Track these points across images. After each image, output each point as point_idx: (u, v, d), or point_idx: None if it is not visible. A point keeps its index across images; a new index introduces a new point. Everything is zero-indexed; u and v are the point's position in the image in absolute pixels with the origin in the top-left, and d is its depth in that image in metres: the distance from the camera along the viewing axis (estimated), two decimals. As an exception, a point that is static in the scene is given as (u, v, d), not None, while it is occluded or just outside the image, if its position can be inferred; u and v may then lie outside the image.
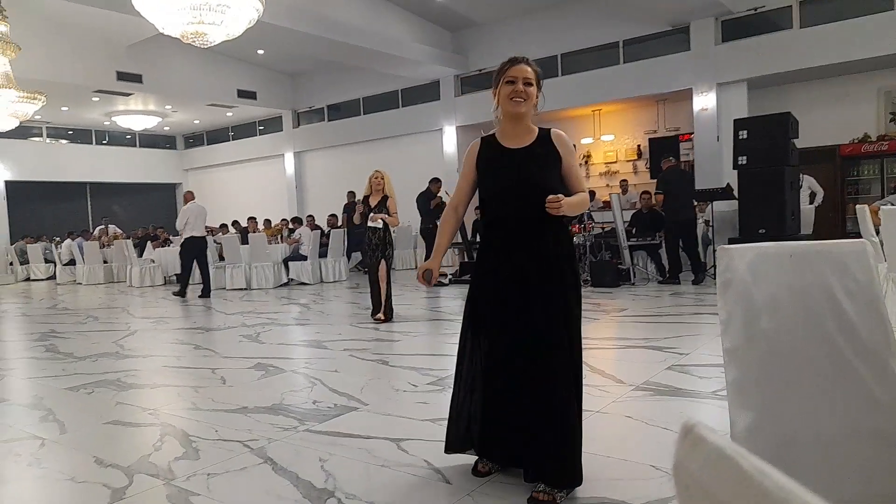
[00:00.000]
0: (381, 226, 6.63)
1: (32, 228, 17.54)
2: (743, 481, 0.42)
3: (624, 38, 12.68)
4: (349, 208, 13.54)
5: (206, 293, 9.98)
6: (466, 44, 14.75)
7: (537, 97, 2.49)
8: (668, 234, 8.91)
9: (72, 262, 14.99)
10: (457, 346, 2.62)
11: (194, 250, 10.00)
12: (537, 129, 2.52)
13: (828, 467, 1.33)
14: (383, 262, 6.71)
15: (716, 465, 0.44)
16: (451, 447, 2.60)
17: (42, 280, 16.02)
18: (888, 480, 1.31)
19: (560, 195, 2.35)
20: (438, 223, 2.94)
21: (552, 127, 2.57)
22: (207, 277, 10.16)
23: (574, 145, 2.89)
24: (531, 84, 2.45)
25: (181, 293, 10.08)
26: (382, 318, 6.65)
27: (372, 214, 6.63)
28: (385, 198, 6.70)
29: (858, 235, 5.90)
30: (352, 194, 13.92)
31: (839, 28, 10.48)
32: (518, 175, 2.44)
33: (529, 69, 2.47)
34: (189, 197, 10.19)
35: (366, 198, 6.86)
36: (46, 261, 16.27)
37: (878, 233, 5.23)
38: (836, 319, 1.36)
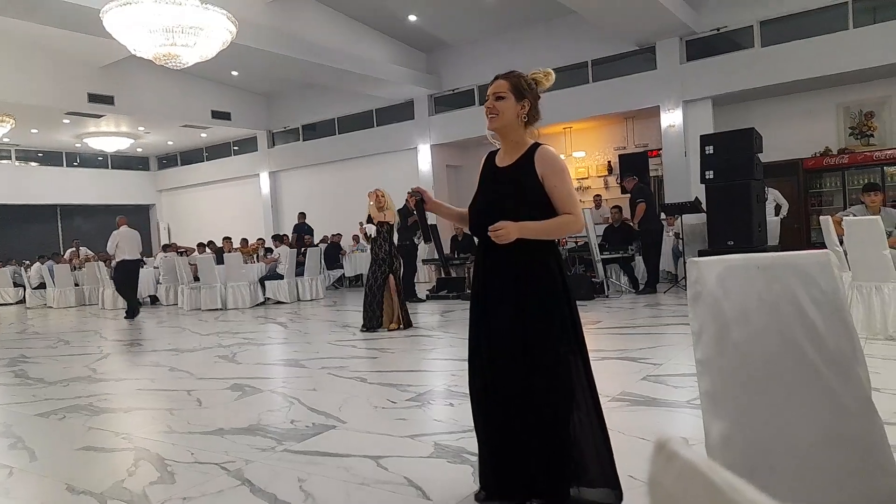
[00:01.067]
0: (373, 234, 7.04)
1: (1, 252, 17.14)
2: (715, 496, 0.43)
3: (592, 57, 12.93)
4: (299, 229, 13.55)
5: (132, 313, 10.23)
6: (439, 64, 14.90)
7: (523, 108, 2.34)
8: (646, 244, 9.17)
9: (42, 286, 14.66)
10: (435, 361, 2.62)
11: (127, 273, 10.38)
12: (528, 145, 2.36)
13: (800, 473, 1.36)
14: (391, 276, 7.11)
15: (689, 480, 0.45)
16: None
17: (11, 304, 15.63)
18: (858, 485, 1.34)
19: (505, 223, 2.17)
20: (416, 240, 2.94)
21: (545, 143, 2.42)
22: (135, 298, 10.57)
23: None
24: (503, 98, 2.32)
25: (130, 314, 10.26)
26: (397, 326, 7.08)
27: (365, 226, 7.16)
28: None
29: (823, 246, 6.05)
30: (302, 215, 14.00)
31: (798, 46, 10.82)
32: (490, 195, 2.37)
33: (503, 82, 2.35)
34: (121, 222, 10.58)
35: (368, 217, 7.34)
36: (15, 284, 15.90)
37: (841, 243, 5.38)
38: (804, 329, 1.40)
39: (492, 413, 2.32)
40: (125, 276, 10.42)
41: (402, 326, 7.09)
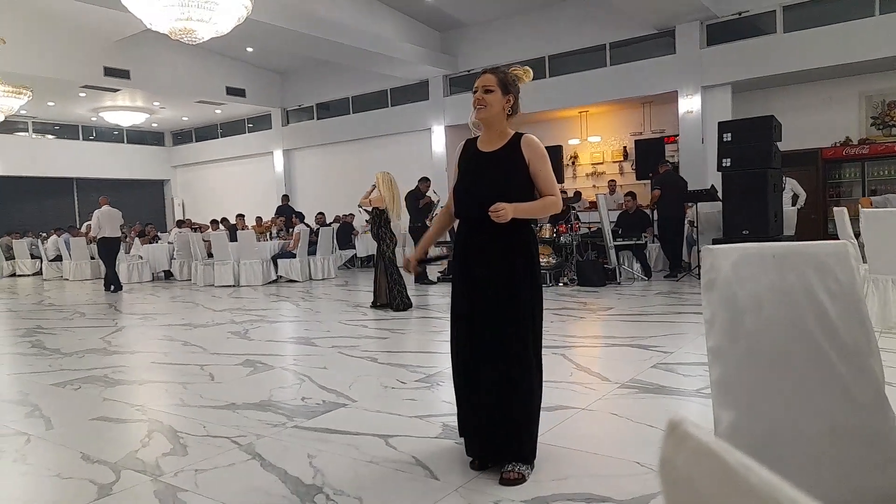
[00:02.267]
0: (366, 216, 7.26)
1: (18, 224, 17.33)
2: (728, 476, 0.43)
3: (610, 40, 12.75)
4: (283, 211, 13.59)
5: (115, 286, 10.93)
6: (455, 44, 14.77)
7: (508, 101, 2.59)
8: (662, 230, 9.19)
9: (58, 258, 14.83)
10: (444, 343, 2.69)
11: (108, 249, 11.01)
12: (511, 134, 2.61)
13: (809, 464, 1.36)
14: (377, 258, 7.45)
15: (701, 461, 0.45)
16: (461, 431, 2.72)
17: (28, 276, 15.85)
18: (866, 477, 1.34)
19: (503, 204, 2.41)
20: (428, 222, 3.12)
21: (533, 129, 2.68)
22: (113, 272, 11.18)
23: (561, 146, 3.07)
24: (491, 91, 2.56)
25: (114, 288, 10.88)
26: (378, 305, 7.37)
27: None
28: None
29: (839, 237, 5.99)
30: (286, 198, 14.05)
31: (822, 33, 10.62)
32: (478, 178, 2.59)
33: (491, 77, 2.59)
34: (103, 201, 11.06)
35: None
36: (32, 256, 16.09)
37: (857, 235, 5.32)
38: (818, 319, 1.39)
39: (473, 378, 2.56)
40: (107, 252, 11.03)
41: (382, 305, 7.28)
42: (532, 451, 2.52)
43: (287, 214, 13.49)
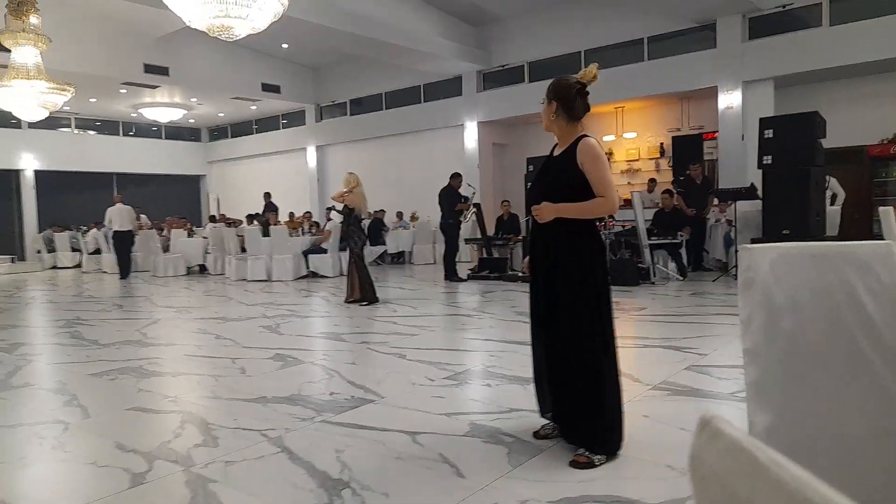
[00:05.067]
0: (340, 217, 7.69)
1: (60, 217, 17.85)
2: (759, 472, 0.42)
3: (648, 34, 12.54)
4: (270, 208, 13.60)
5: (124, 274, 12.64)
6: (489, 39, 14.70)
7: (556, 107, 2.76)
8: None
9: (97, 252, 15.23)
10: (474, 341, 2.72)
11: (120, 241, 12.63)
12: (574, 138, 2.75)
13: (848, 468, 1.31)
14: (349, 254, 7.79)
15: (732, 457, 0.45)
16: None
17: (68, 268, 16.32)
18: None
19: (544, 204, 2.66)
20: (461, 219, 3.53)
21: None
22: (127, 262, 12.80)
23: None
24: (543, 103, 2.83)
25: (122, 275, 12.61)
26: (353, 300, 7.63)
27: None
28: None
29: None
30: (267, 195, 14.12)
31: (870, 26, 10.26)
32: (540, 181, 2.84)
33: (548, 88, 2.82)
34: (117, 199, 12.85)
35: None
36: (73, 249, 16.55)
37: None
38: (859, 321, 1.34)
39: (541, 361, 2.84)
40: (119, 244, 12.69)
41: (356, 300, 7.56)
42: (602, 441, 2.59)
43: (274, 211, 13.55)
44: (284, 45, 15.61)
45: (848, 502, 0.38)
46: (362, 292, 7.54)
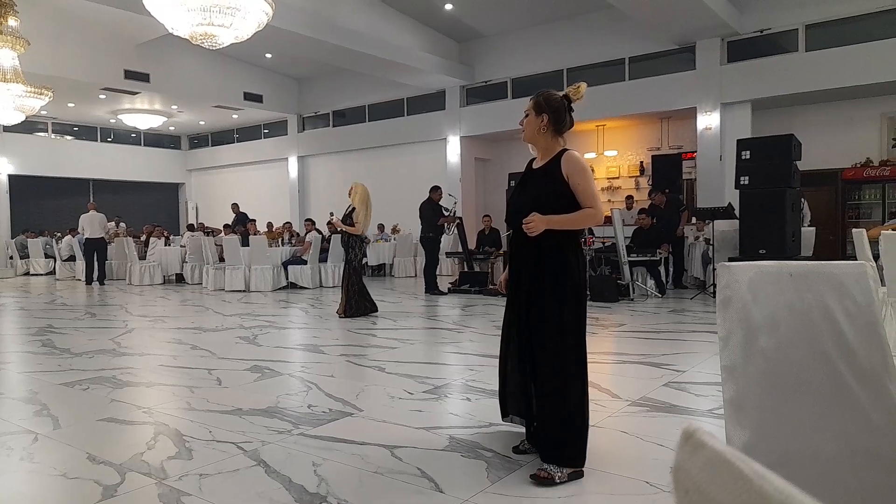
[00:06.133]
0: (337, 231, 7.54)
1: (34, 223, 17.53)
2: (743, 485, 0.42)
3: (630, 55, 12.74)
4: (243, 219, 13.57)
5: (100, 280, 13.13)
6: (473, 55, 14.83)
7: (542, 120, 2.76)
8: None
9: (71, 259, 14.98)
10: (454, 355, 2.71)
11: (91, 248, 13.00)
12: (557, 151, 2.78)
13: (823, 488, 1.32)
14: (345, 266, 7.65)
15: (716, 469, 0.45)
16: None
17: (41, 275, 16.01)
18: (881, 503, 1.30)
19: (534, 216, 2.63)
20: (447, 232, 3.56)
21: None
22: (102, 268, 13.24)
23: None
24: (527, 115, 2.82)
25: (87, 282, 13.04)
26: (343, 314, 7.51)
27: (332, 216, 7.64)
28: (352, 209, 7.49)
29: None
30: (236, 206, 14.11)
31: (844, 53, 10.54)
32: (523, 192, 2.83)
33: (530, 101, 2.82)
34: (90, 207, 13.14)
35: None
36: (46, 256, 16.25)
37: (876, 258, 5.24)
38: (835, 340, 1.36)
39: (511, 374, 2.91)
40: (92, 250, 13.02)
41: (345, 315, 7.47)
42: (569, 457, 2.59)
43: (244, 222, 13.51)
44: (268, 55, 15.57)
45: None
46: (357, 305, 7.52)
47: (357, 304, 7.53)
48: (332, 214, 8.08)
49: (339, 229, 7.59)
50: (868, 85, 10.49)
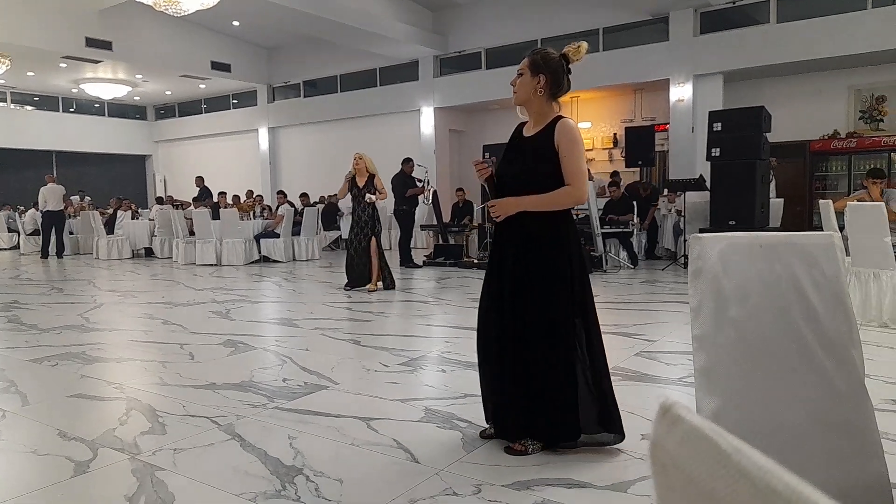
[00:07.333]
0: (371, 203, 7.14)
1: (-5, 196, 17.05)
2: (720, 460, 0.42)
3: (604, 25, 12.69)
4: (205, 194, 13.40)
5: (58, 254, 13.03)
6: (447, 25, 14.62)
7: (539, 81, 2.52)
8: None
9: (36, 233, 14.61)
10: (429, 327, 2.67)
11: (51, 221, 12.79)
12: (551, 118, 2.54)
13: (791, 454, 1.36)
14: (373, 238, 7.25)
15: (693, 444, 0.44)
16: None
17: (5, 250, 15.60)
18: (846, 468, 1.34)
19: (499, 200, 2.48)
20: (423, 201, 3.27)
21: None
22: (60, 240, 13.12)
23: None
24: (521, 74, 2.55)
25: (43, 255, 12.95)
26: (376, 287, 7.24)
27: (367, 196, 7.11)
28: (372, 176, 7.21)
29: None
30: (200, 179, 13.88)
31: (814, 25, 10.63)
32: (511, 163, 2.59)
33: (525, 59, 2.57)
34: (48, 179, 12.96)
35: (353, 178, 7.23)
36: (10, 230, 15.83)
37: (841, 228, 5.36)
38: (803, 310, 1.39)
39: (493, 360, 2.59)
40: (50, 223, 12.83)
41: (382, 287, 7.32)
42: (543, 430, 2.52)
43: (209, 196, 13.33)
44: (235, 23, 15.17)
45: (811, 490, 0.39)
46: (380, 278, 7.38)
47: (389, 275, 7.43)
48: (367, 195, 7.19)
49: (375, 201, 7.16)
50: (837, 57, 10.63)
